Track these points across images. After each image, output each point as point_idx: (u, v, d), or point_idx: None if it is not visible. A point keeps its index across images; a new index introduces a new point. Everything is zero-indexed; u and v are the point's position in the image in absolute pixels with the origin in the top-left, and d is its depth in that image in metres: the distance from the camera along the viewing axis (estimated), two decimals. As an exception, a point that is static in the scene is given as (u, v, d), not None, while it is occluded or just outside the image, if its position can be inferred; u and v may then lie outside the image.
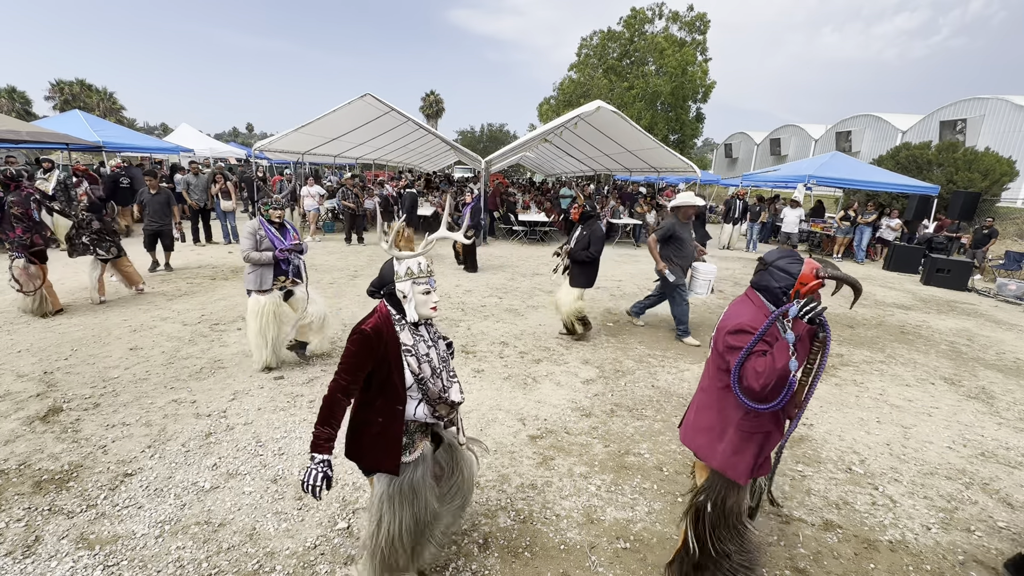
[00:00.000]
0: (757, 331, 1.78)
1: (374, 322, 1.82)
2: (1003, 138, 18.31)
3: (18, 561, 2.18)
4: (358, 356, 1.77)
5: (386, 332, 1.81)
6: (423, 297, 1.88)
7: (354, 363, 1.77)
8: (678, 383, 4.39)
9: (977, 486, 3.14)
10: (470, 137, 55.22)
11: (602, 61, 27.94)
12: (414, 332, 1.90)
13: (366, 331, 1.78)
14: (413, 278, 1.86)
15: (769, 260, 1.95)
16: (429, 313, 1.89)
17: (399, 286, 1.85)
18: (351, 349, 1.78)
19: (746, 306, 1.95)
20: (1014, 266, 10.55)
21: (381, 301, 1.91)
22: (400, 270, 1.86)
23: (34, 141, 9.74)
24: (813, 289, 1.82)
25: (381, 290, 1.91)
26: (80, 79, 32.51)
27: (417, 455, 1.96)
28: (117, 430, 3.23)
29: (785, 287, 1.86)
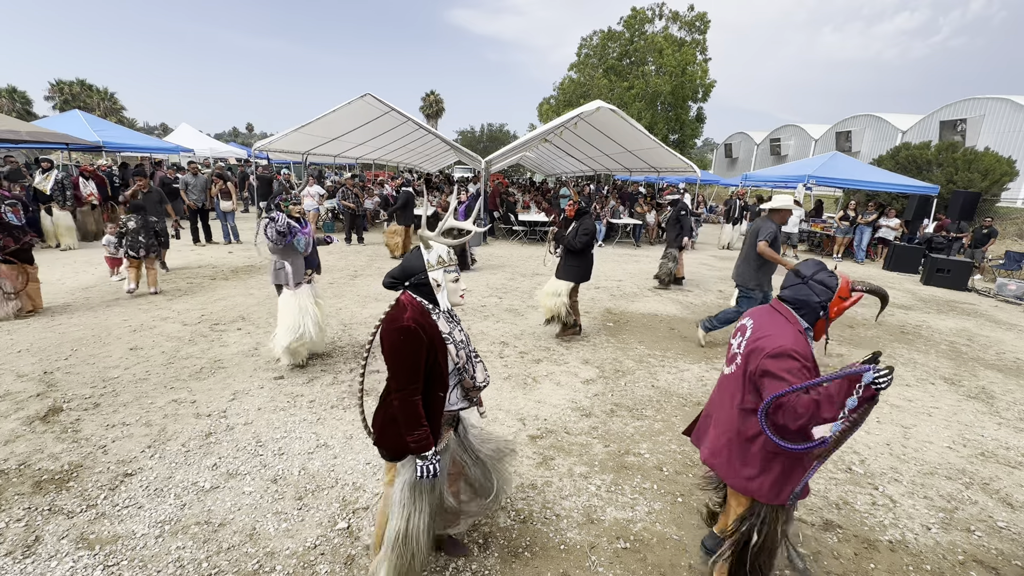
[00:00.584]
0: (800, 356, 1.68)
1: (411, 314, 1.77)
2: (1003, 138, 18.31)
3: (18, 561, 2.18)
4: (414, 353, 1.74)
5: (425, 322, 1.80)
6: (453, 285, 1.90)
7: (412, 362, 1.74)
8: (678, 383, 4.39)
9: (977, 486, 3.14)
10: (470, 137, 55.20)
11: (602, 61, 27.92)
12: (447, 318, 1.91)
13: (411, 327, 1.74)
14: (444, 266, 1.86)
15: (807, 273, 1.85)
16: (458, 301, 1.93)
17: (432, 275, 1.84)
18: (403, 349, 1.74)
19: (780, 324, 1.82)
20: (1014, 266, 10.55)
21: (405, 293, 1.87)
22: (431, 259, 1.85)
23: (34, 141, 9.74)
24: (855, 302, 1.81)
25: (405, 281, 1.88)
26: (80, 79, 32.52)
27: (443, 445, 1.98)
28: (117, 430, 3.23)
29: (825, 301, 1.80)
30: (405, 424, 1.79)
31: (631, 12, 26.97)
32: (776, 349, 1.71)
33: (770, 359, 1.71)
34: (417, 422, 1.78)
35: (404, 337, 1.73)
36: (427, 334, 1.77)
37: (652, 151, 13.36)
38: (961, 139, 18.31)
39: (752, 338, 1.83)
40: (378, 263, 9.07)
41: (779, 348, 1.71)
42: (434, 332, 1.81)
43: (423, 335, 1.75)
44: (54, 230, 8.92)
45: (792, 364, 1.68)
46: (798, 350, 1.70)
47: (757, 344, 1.78)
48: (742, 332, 1.94)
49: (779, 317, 1.85)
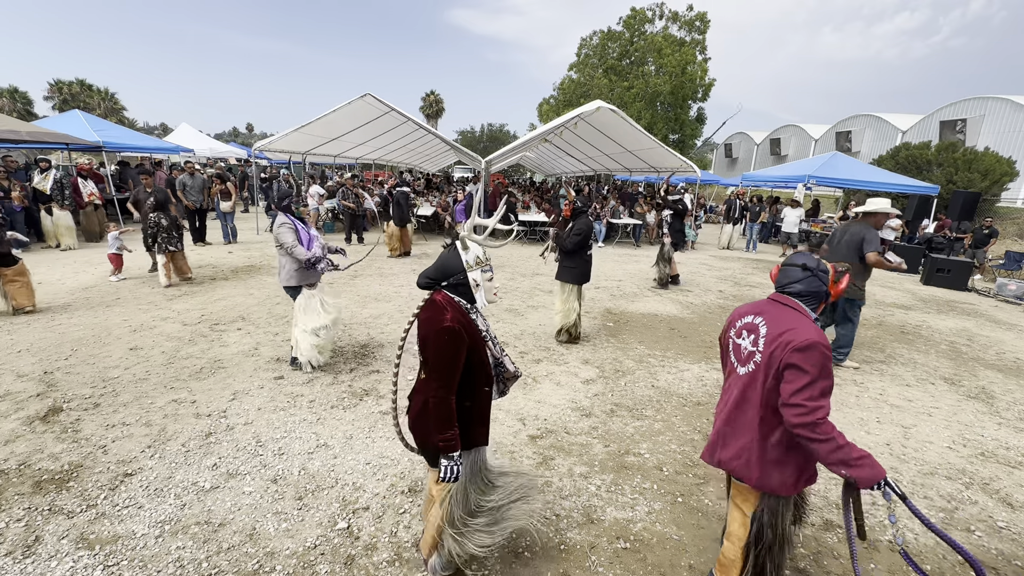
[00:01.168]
0: (827, 348, 1.73)
1: (452, 315, 1.79)
2: (1003, 138, 18.31)
3: (18, 561, 2.18)
4: (450, 351, 1.77)
5: (464, 320, 1.83)
6: (489, 284, 1.94)
7: (455, 362, 1.78)
8: (678, 383, 4.39)
9: (977, 486, 3.14)
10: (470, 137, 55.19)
11: (602, 61, 27.91)
12: (480, 317, 1.96)
13: (454, 328, 1.76)
14: (482, 266, 1.90)
15: (813, 266, 1.92)
16: (493, 299, 1.97)
17: (472, 275, 1.88)
18: (447, 348, 1.76)
19: (796, 317, 1.85)
20: (1014, 266, 10.56)
21: (441, 292, 1.89)
22: (469, 259, 1.88)
23: (34, 141, 9.74)
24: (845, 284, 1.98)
25: (442, 281, 1.90)
26: (80, 79, 32.49)
27: None
28: (117, 430, 3.23)
29: (827, 287, 1.93)
30: (437, 423, 1.81)
31: (631, 12, 26.96)
32: (804, 342, 1.73)
33: (798, 352, 1.72)
34: (450, 423, 1.81)
35: (449, 338, 1.76)
36: (468, 333, 1.82)
37: (652, 151, 13.36)
38: (961, 139, 18.33)
39: (773, 334, 1.82)
40: (378, 263, 9.07)
41: (807, 341, 1.72)
42: (474, 330, 1.86)
43: (465, 335, 1.79)
44: (54, 230, 8.92)
45: (819, 357, 1.72)
46: (824, 342, 1.74)
47: (782, 339, 1.78)
48: (752, 330, 1.91)
49: (791, 311, 1.86)
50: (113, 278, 6.87)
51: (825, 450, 1.66)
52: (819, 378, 1.70)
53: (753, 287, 8.58)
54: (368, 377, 4.18)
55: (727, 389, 2.02)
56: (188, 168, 9.94)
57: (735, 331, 1.99)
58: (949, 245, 11.27)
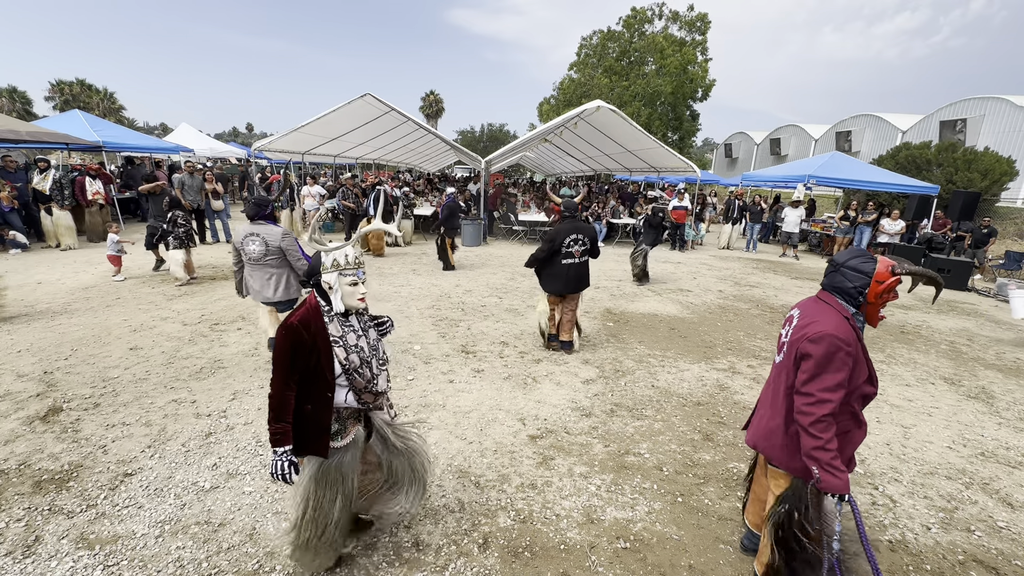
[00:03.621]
0: (842, 341, 1.74)
1: (301, 314, 1.87)
2: (1003, 138, 18.31)
3: (18, 561, 2.18)
4: (289, 350, 1.83)
5: (314, 323, 1.86)
6: (350, 288, 1.91)
7: (287, 357, 1.83)
8: (678, 383, 4.39)
9: (977, 486, 3.14)
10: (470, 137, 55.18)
11: (602, 61, 27.91)
12: (343, 322, 1.94)
13: (293, 324, 1.83)
14: (340, 269, 1.90)
15: (840, 261, 1.90)
16: (357, 304, 1.94)
17: (325, 277, 1.89)
18: (281, 344, 1.83)
19: (824, 310, 1.87)
20: (1014, 266, 10.56)
21: (311, 292, 1.96)
22: (326, 261, 1.89)
23: (34, 141, 9.74)
24: (891, 287, 1.80)
25: (311, 280, 1.94)
26: (80, 79, 32.49)
27: (348, 440, 2.03)
28: (117, 430, 3.23)
29: (860, 287, 1.83)
30: (270, 412, 1.85)
31: (631, 12, 26.96)
32: (816, 333, 1.78)
33: (810, 343, 1.79)
34: (281, 416, 1.85)
35: (285, 332, 1.83)
36: (311, 334, 1.84)
37: (652, 151, 13.37)
38: (961, 139, 18.32)
39: (799, 326, 1.91)
40: (377, 263, 9.08)
41: (819, 332, 1.78)
42: (321, 333, 1.86)
43: (305, 335, 1.83)
44: (54, 230, 8.91)
45: (828, 348, 1.74)
46: (839, 335, 1.75)
47: (803, 331, 1.85)
48: (789, 322, 2.01)
49: (823, 305, 1.90)
50: (117, 278, 6.88)
51: (810, 445, 1.75)
52: (827, 370, 1.75)
53: (753, 287, 8.58)
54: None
55: (769, 376, 2.14)
56: (187, 168, 9.94)
57: (784, 320, 2.09)
58: (951, 245, 11.26)
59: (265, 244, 3.85)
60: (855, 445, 1.92)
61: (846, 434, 1.88)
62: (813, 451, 1.74)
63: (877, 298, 1.83)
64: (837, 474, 1.71)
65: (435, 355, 4.71)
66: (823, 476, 1.72)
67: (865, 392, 1.87)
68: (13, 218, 8.60)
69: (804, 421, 1.77)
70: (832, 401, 1.74)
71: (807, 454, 1.76)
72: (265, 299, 4.01)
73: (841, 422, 1.85)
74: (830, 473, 1.71)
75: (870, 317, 1.89)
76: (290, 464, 1.86)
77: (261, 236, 3.86)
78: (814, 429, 1.74)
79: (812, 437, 1.74)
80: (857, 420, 1.89)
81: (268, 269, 3.91)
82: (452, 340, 5.17)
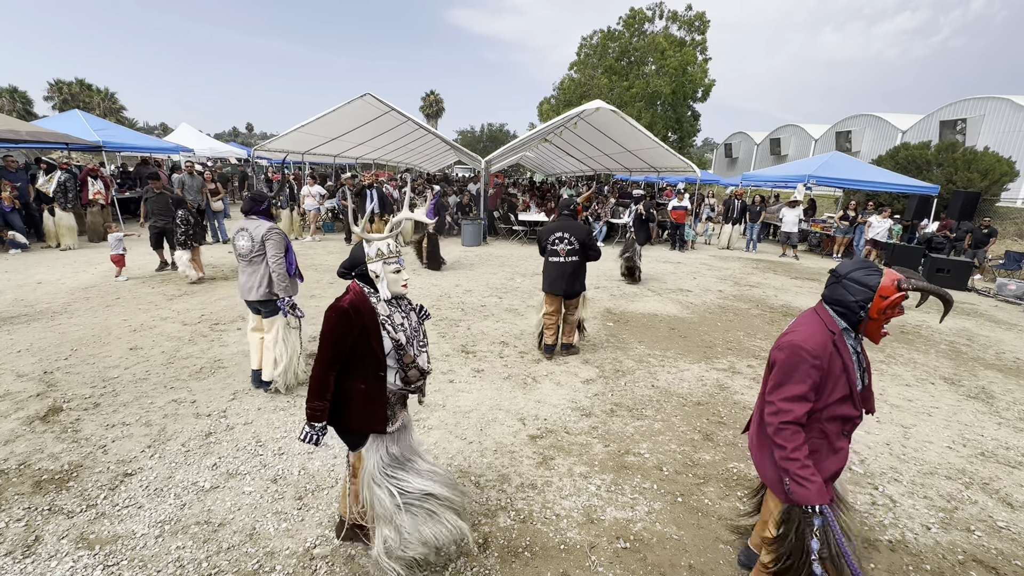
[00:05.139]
0: (808, 353, 1.66)
1: (350, 298, 1.95)
2: (1003, 138, 18.30)
3: (18, 561, 2.18)
4: (337, 330, 1.90)
5: (363, 306, 1.96)
6: (394, 276, 2.04)
7: (335, 337, 1.90)
8: (678, 383, 4.39)
9: (977, 486, 3.14)
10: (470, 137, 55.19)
11: (602, 61, 27.91)
12: (388, 303, 2.04)
13: (343, 307, 1.92)
14: (384, 258, 2.01)
15: (842, 272, 1.76)
16: (400, 291, 2.06)
17: (371, 267, 2.00)
18: (330, 325, 1.91)
19: (808, 320, 1.79)
20: (1014, 266, 10.55)
21: (353, 280, 2.05)
22: (371, 252, 2.00)
23: (34, 141, 9.73)
24: (895, 303, 1.64)
25: (352, 271, 2.04)
26: (80, 79, 32.47)
27: (399, 425, 2.12)
28: (117, 430, 3.23)
29: (863, 300, 1.68)
30: (311, 389, 1.95)
31: (630, 12, 26.96)
32: (785, 342, 1.73)
33: (777, 351, 1.75)
34: (322, 394, 1.95)
35: (337, 315, 1.91)
36: (361, 317, 1.93)
37: (652, 151, 13.37)
38: (961, 139, 18.31)
39: (781, 334, 1.86)
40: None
41: (787, 341, 1.73)
42: (370, 316, 1.96)
43: (355, 318, 1.91)
44: (55, 230, 8.91)
45: (790, 358, 1.69)
46: (806, 346, 1.67)
47: (779, 339, 1.81)
48: None
49: (812, 316, 1.80)
50: (121, 278, 6.89)
51: (779, 455, 1.69)
52: (788, 380, 1.69)
53: (753, 287, 8.58)
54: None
55: None
56: (187, 168, 9.95)
57: None
58: (951, 246, 11.26)
59: (251, 238, 3.56)
60: (826, 472, 1.76)
61: (814, 453, 1.75)
62: (780, 461, 1.68)
63: (880, 314, 1.68)
64: (806, 484, 1.61)
65: (435, 355, 4.71)
66: (792, 487, 1.64)
67: (840, 413, 1.74)
68: (14, 218, 8.60)
69: (769, 431, 1.72)
70: (792, 411, 1.66)
71: (778, 464, 1.70)
72: (247, 298, 3.68)
73: (809, 439, 1.74)
74: (798, 484, 1.62)
75: (871, 333, 1.74)
76: (319, 437, 1.97)
77: (249, 231, 3.57)
78: (778, 438, 1.68)
79: (777, 447, 1.68)
80: (829, 443, 1.76)
81: (255, 266, 3.59)
82: (452, 340, 5.17)
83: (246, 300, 3.72)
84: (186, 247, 6.82)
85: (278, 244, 3.58)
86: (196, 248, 6.99)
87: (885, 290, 1.65)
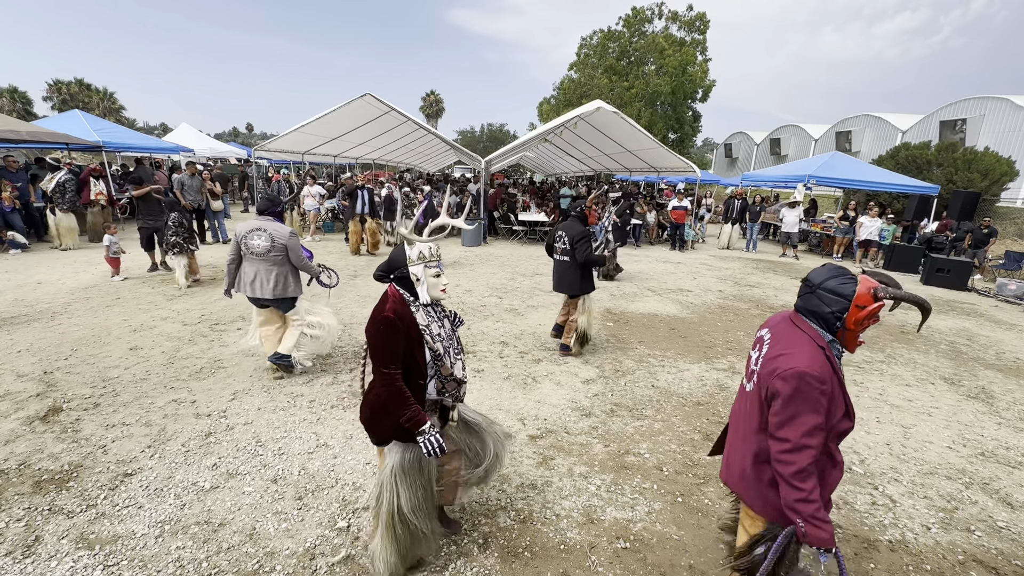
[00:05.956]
0: (816, 379, 1.54)
1: (392, 306, 1.90)
2: (1003, 138, 18.31)
3: (18, 561, 2.18)
4: (391, 341, 1.87)
5: (404, 313, 1.92)
6: (434, 280, 1.99)
7: (390, 349, 1.87)
8: (678, 383, 4.39)
9: (977, 486, 3.14)
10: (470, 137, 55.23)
11: (602, 61, 27.92)
12: (427, 312, 1.99)
13: (390, 317, 1.87)
14: (425, 262, 1.96)
15: (816, 281, 1.66)
16: (439, 295, 2.01)
17: (412, 270, 1.94)
18: (379, 336, 1.87)
19: (797, 338, 1.65)
20: (1014, 266, 10.55)
21: (391, 285, 2.00)
22: (412, 254, 1.95)
23: (34, 141, 9.74)
24: (872, 312, 1.57)
25: (391, 274, 1.99)
26: (79, 79, 32.47)
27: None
28: (117, 430, 3.23)
29: (838, 311, 1.60)
30: (394, 405, 1.90)
31: (631, 12, 26.98)
32: (788, 371, 1.57)
33: (780, 380, 1.59)
34: (404, 402, 1.89)
35: (383, 326, 1.86)
36: (404, 324, 1.89)
37: (652, 151, 13.36)
38: (961, 139, 18.32)
39: (769, 355, 1.69)
40: (377, 263, 9.04)
41: (791, 370, 1.57)
42: (411, 323, 1.92)
43: (400, 324, 1.88)
44: (56, 230, 8.90)
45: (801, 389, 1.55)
46: (813, 372, 1.55)
47: (774, 363, 1.64)
48: (759, 345, 1.80)
49: (796, 332, 1.68)
50: (116, 278, 6.88)
51: (792, 497, 1.57)
52: (802, 413, 1.55)
53: (753, 287, 8.58)
54: (368, 377, 4.17)
55: (737, 401, 1.91)
56: (190, 169, 9.95)
57: (755, 340, 1.86)
58: (951, 246, 11.25)
59: (271, 239, 3.84)
60: (831, 488, 1.71)
61: (820, 474, 1.67)
62: (796, 503, 1.56)
63: (857, 324, 1.60)
64: (823, 526, 1.54)
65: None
66: (808, 530, 1.55)
67: (842, 429, 1.68)
68: (14, 218, 8.60)
69: (784, 471, 1.57)
70: (812, 447, 1.55)
71: (789, 506, 1.58)
72: (258, 295, 3.87)
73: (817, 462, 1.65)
74: (815, 526, 1.53)
75: (848, 343, 1.66)
76: (438, 440, 1.92)
77: (268, 232, 3.84)
78: (795, 480, 1.55)
79: (794, 489, 1.55)
80: (833, 460, 1.70)
81: (270, 265, 3.86)
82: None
83: (255, 297, 3.92)
84: (178, 251, 6.57)
85: (299, 248, 3.97)
86: (191, 254, 6.79)
87: (861, 299, 1.58)
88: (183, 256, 6.63)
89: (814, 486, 1.55)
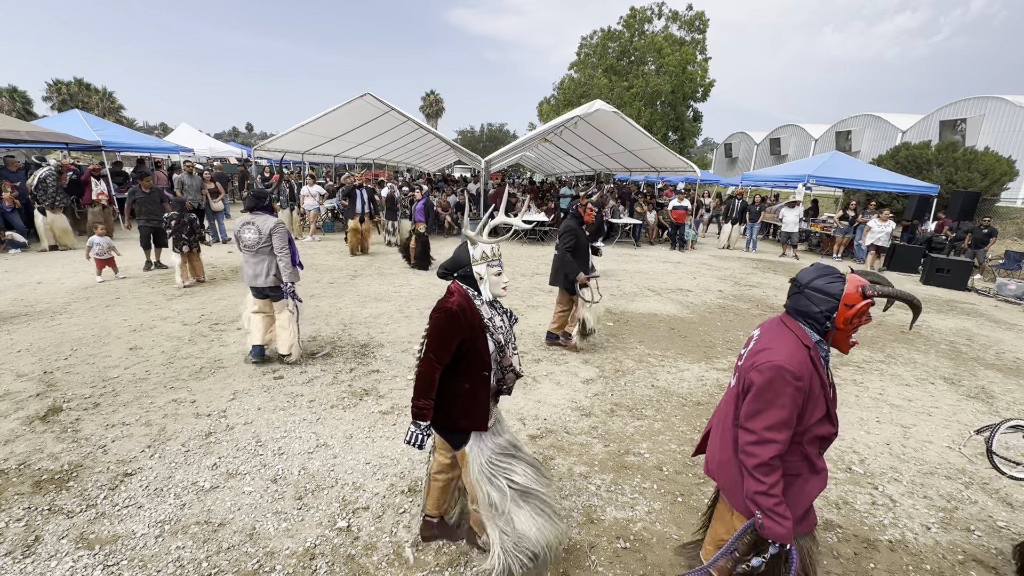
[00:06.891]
0: (792, 376, 1.53)
1: (457, 300, 1.98)
2: (1003, 138, 18.31)
3: (18, 561, 2.18)
4: (447, 331, 1.94)
5: (468, 307, 2.00)
6: (496, 278, 2.08)
7: (444, 338, 1.94)
8: (678, 383, 4.39)
9: (977, 486, 3.14)
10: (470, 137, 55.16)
11: (602, 60, 27.92)
12: (489, 307, 2.08)
13: (452, 309, 1.95)
14: (488, 261, 2.05)
15: (804, 281, 1.65)
16: (500, 293, 2.11)
17: (476, 268, 2.04)
18: (439, 326, 1.94)
19: (783, 335, 1.65)
20: (1014, 266, 10.55)
21: (454, 281, 2.08)
22: (476, 254, 2.05)
23: (34, 141, 9.74)
24: (861, 311, 1.56)
25: (454, 272, 2.08)
26: (78, 78, 32.45)
27: (494, 420, 2.19)
28: (117, 430, 3.23)
29: (827, 311, 1.59)
30: (418, 388, 1.99)
31: (631, 11, 26.98)
32: (765, 363, 1.58)
33: (756, 372, 1.59)
34: (428, 392, 1.98)
35: (446, 317, 1.94)
36: (468, 319, 1.97)
37: (652, 151, 13.37)
38: (961, 139, 18.32)
39: (752, 351, 1.69)
40: (378, 263, 9.07)
41: (767, 363, 1.57)
42: (476, 318, 2.01)
43: (463, 319, 1.96)
44: (45, 231, 8.72)
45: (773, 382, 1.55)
46: (789, 367, 1.54)
47: (755, 358, 1.64)
48: (748, 343, 1.80)
49: (784, 329, 1.67)
50: (99, 278, 6.84)
51: (752, 488, 1.58)
52: (772, 406, 1.55)
53: (753, 287, 8.59)
54: (368, 377, 4.18)
55: (722, 400, 1.92)
56: (187, 168, 9.95)
57: (747, 340, 1.86)
58: (951, 245, 11.25)
59: (259, 232, 4.03)
60: (811, 496, 1.68)
61: (796, 477, 1.66)
62: (756, 495, 1.57)
63: (847, 323, 1.59)
64: (781, 521, 1.54)
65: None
66: (766, 523, 1.56)
67: (821, 433, 1.65)
68: (15, 218, 8.59)
69: (748, 462, 1.59)
70: (777, 441, 1.55)
71: (749, 497, 1.59)
72: (256, 284, 4.13)
73: (790, 463, 1.64)
74: (773, 520, 1.54)
75: (840, 344, 1.65)
76: (424, 437, 2.01)
77: (256, 224, 4.04)
78: (758, 473, 1.56)
79: (755, 480, 1.56)
80: (812, 465, 1.67)
81: (261, 256, 4.07)
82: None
83: (253, 287, 4.18)
84: (177, 249, 6.58)
85: (283, 237, 4.07)
86: (194, 253, 6.75)
87: (850, 298, 1.56)
88: (179, 255, 6.61)
89: (776, 481, 1.57)
